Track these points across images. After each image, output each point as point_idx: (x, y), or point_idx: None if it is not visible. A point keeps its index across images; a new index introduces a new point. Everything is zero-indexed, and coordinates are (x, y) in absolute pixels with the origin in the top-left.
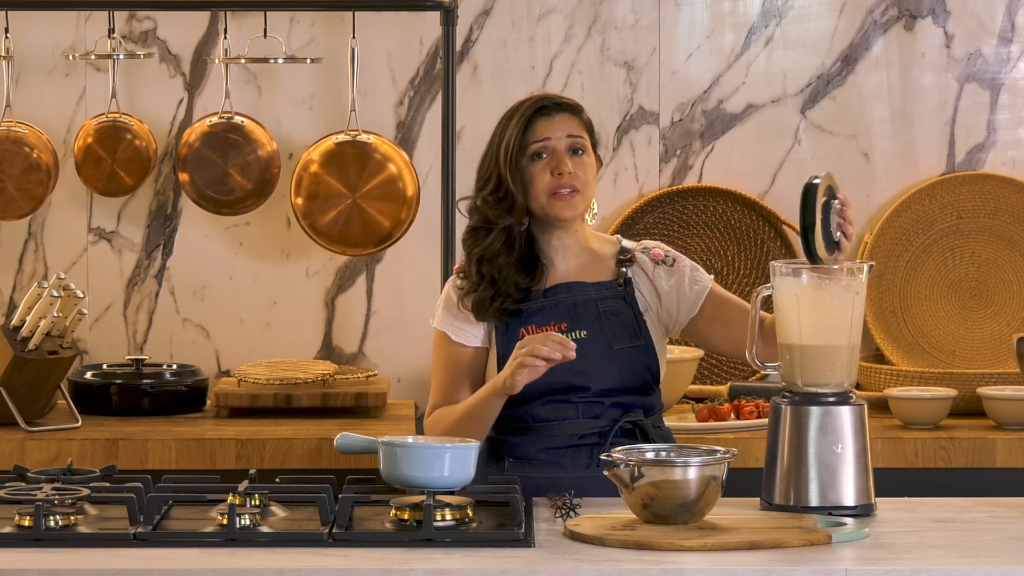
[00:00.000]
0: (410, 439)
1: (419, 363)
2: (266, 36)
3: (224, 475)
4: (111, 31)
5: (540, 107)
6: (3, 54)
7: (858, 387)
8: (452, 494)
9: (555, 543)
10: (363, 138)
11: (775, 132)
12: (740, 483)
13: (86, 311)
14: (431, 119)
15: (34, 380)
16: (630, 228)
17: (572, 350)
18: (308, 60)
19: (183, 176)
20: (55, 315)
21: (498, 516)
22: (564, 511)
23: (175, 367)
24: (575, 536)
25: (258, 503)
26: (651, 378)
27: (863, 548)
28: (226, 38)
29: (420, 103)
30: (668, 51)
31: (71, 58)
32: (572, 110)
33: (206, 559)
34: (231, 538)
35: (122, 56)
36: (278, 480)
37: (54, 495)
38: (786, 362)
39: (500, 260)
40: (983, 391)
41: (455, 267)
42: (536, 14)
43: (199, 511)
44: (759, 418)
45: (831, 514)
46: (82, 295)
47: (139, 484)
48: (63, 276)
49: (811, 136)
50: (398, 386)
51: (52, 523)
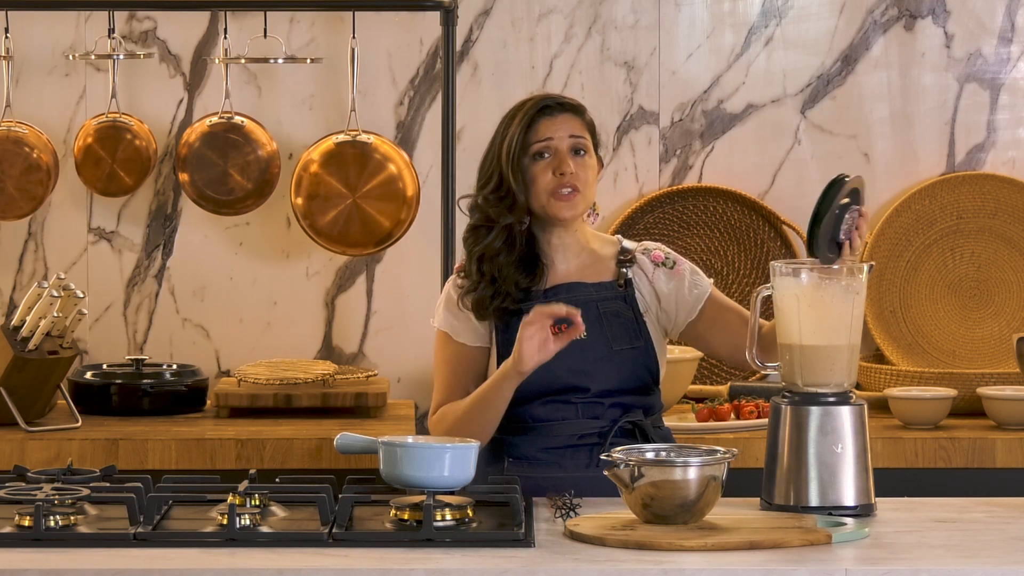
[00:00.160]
0: (410, 439)
1: (419, 363)
2: (266, 36)
3: (224, 475)
4: (111, 31)
5: (543, 107)
6: (3, 54)
7: (858, 387)
8: (452, 494)
9: (555, 543)
10: (363, 138)
11: (775, 132)
12: (740, 483)
13: (86, 311)
14: (431, 119)
15: (34, 380)
16: (630, 228)
17: (578, 314)
18: (308, 60)
19: (183, 176)
20: (55, 315)
21: (498, 516)
22: (564, 511)
23: (175, 367)
24: (575, 536)
25: (258, 503)
26: (651, 379)
27: (863, 548)
28: (226, 38)
29: (420, 103)
30: (668, 51)
31: (71, 58)
32: (575, 110)
33: (206, 559)
34: (231, 538)
35: (122, 56)
36: (278, 480)
37: (54, 495)
38: (786, 362)
39: (500, 259)
40: (983, 391)
41: (455, 266)
42: (536, 14)
43: (199, 511)
44: (759, 418)
45: (831, 514)
46: (82, 295)
47: (139, 484)
48: (63, 276)
49: (811, 136)
50: (398, 386)
51: (52, 523)
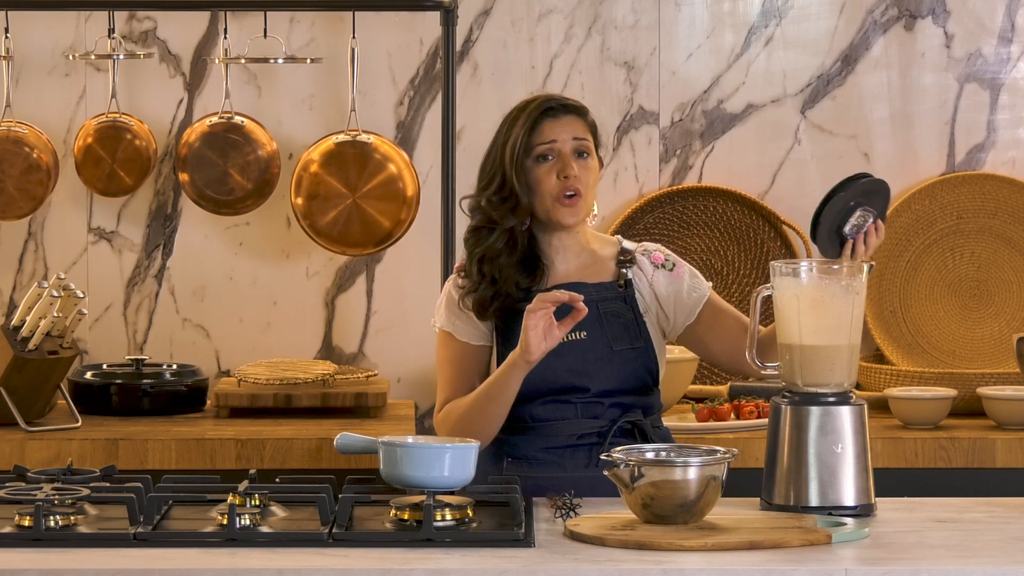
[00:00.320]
0: (410, 439)
1: (419, 363)
2: (266, 36)
3: (224, 475)
4: (111, 31)
5: (546, 108)
6: (3, 54)
7: (858, 387)
8: (452, 494)
9: (555, 543)
10: (363, 138)
11: (775, 132)
12: (740, 483)
13: (86, 311)
14: (431, 119)
15: (34, 380)
16: (630, 228)
17: (581, 300)
18: (308, 60)
19: (183, 176)
20: (55, 315)
21: (498, 516)
22: (564, 511)
23: (175, 367)
24: (575, 536)
25: (258, 503)
26: (650, 379)
27: (863, 548)
28: (226, 38)
29: (420, 103)
30: (668, 51)
31: (71, 58)
32: (578, 112)
33: (206, 559)
34: (231, 538)
35: (122, 56)
36: (278, 480)
37: (54, 495)
38: (786, 362)
39: (501, 260)
40: (983, 391)
41: (456, 266)
42: (536, 14)
43: (199, 511)
44: (759, 418)
45: (831, 514)
46: (82, 295)
47: (139, 484)
48: (63, 276)
49: (811, 136)
50: (398, 386)
51: (52, 523)
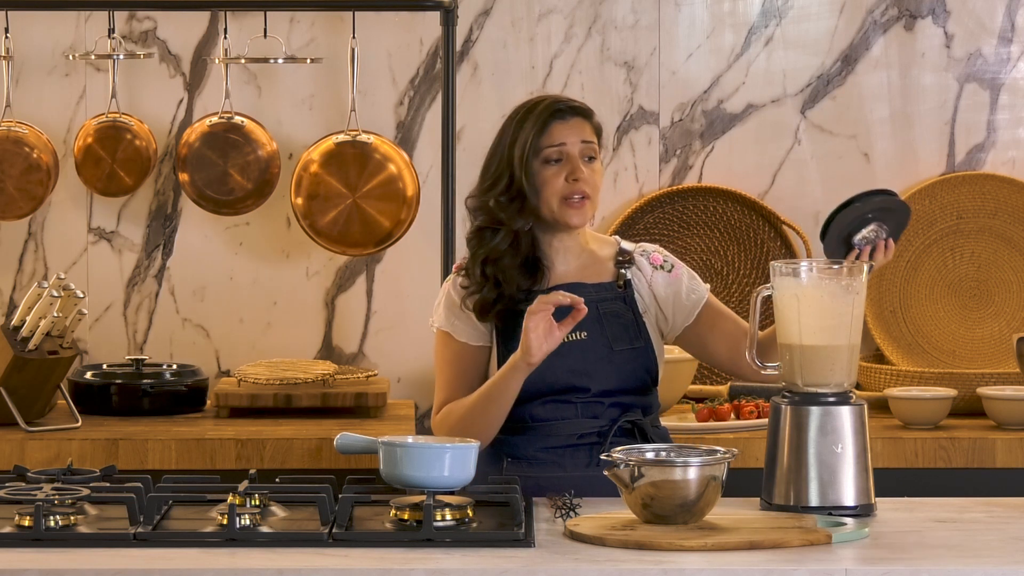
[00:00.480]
0: (410, 439)
1: (419, 363)
2: (266, 36)
3: (224, 475)
4: (111, 31)
5: (555, 110)
6: (3, 54)
7: (858, 387)
8: (452, 494)
9: (555, 543)
10: (363, 138)
11: (775, 132)
12: (740, 483)
13: (86, 311)
14: (431, 119)
15: (34, 380)
16: (630, 228)
17: (582, 302)
18: (308, 60)
19: (183, 176)
20: (55, 315)
21: (498, 516)
22: (564, 511)
23: (175, 367)
24: (575, 536)
25: (258, 503)
26: (650, 379)
27: (863, 548)
28: (226, 38)
29: (420, 103)
30: (668, 51)
31: (71, 58)
32: (585, 114)
33: (206, 559)
34: (231, 538)
35: (122, 56)
36: (278, 480)
37: (54, 495)
38: (786, 362)
39: (505, 261)
40: (983, 391)
41: (454, 266)
42: (536, 14)
43: (199, 511)
44: (759, 418)
45: (831, 514)
46: (82, 295)
47: (139, 484)
48: (63, 276)
49: (811, 136)
50: (398, 386)
51: (52, 523)
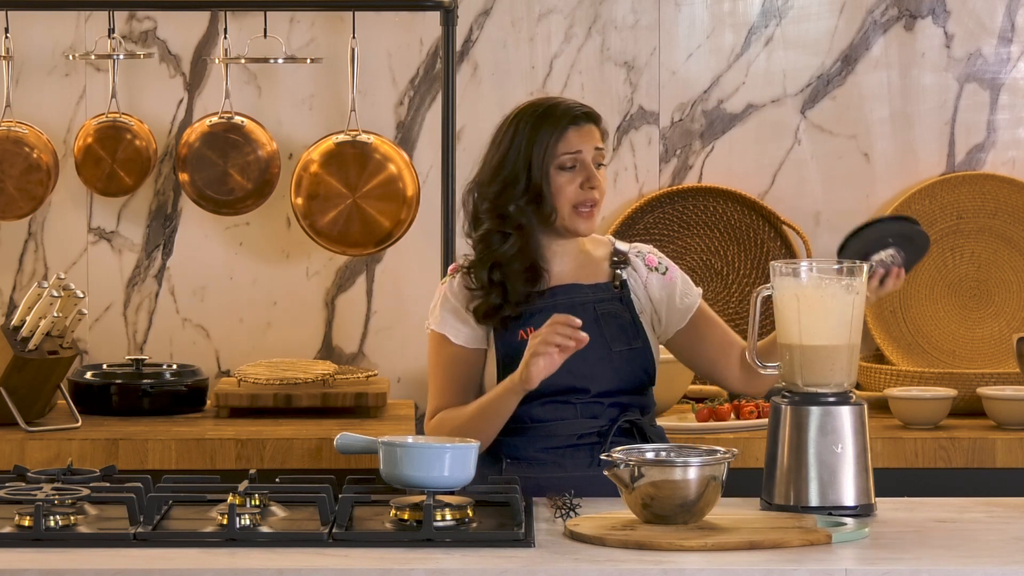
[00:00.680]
0: (410, 439)
1: (419, 363)
2: (266, 36)
3: (224, 475)
4: (111, 31)
5: (573, 116)
6: (3, 54)
7: (858, 387)
8: (452, 494)
9: (555, 543)
10: (363, 138)
11: (775, 132)
12: (740, 483)
13: (86, 311)
14: (431, 119)
15: (34, 380)
16: (630, 228)
17: (584, 335)
18: (308, 60)
19: (183, 176)
20: (55, 315)
21: (498, 516)
22: (564, 511)
23: (175, 367)
24: (575, 536)
25: (258, 503)
26: (647, 379)
27: (863, 548)
28: (226, 38)
29: (420, 103)
30: (668, 51)
31: (71, 58)
32: (597, 121)
33: (206, 559)
34: (231, 538)
35: (122, 56)
36: (278, 480)
37: (54, 495)
38: (786, 362)
39: (515, 267)
40: (983, 391)
41: (450, 267)
42: (536, 14)
43: (199, 511)
44: (759, 418)
45: (831, 514)
46: (82, 295)
47: (139, 484)
48: (63, 276)
49: (811, 136)
50: (398, 386)
51: (52, 523)
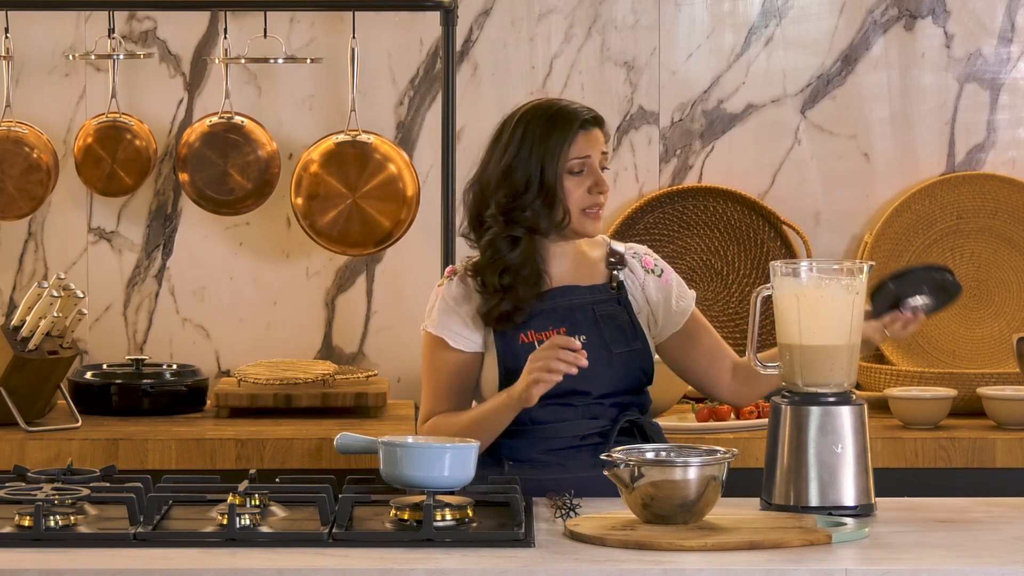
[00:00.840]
0: (410, 439)
1: (419, 363)
2: (266, 36)
3: (224, 475)
4: (111, 31)
5: (583, 120)
6: (3, 54)
7: (858, 387)
8: (452, 494)
9: (555, 543)
10: (363, 138)
11: (775, 132)
12: (740, 483)
13: (86, 311)
14: (431, 119)
15: (34, 380)
16: (630, 228)
17: (584, 358)
18: (308, 60)
19: (183, 176)
20: (55, 315)
21: (498, 516)
22: (564, 511)
23: (175, 367)
24: (575, 536)
25: (258, 503)
26: (646, 379)
27: (863, 548)
28: (226, 38)
29: (420, 103)
30: (668, 51)
31: (71, 58)
32: (602, 124)
33: (206, 559)
34: (231, 538)
35: (122, 56)
36: (278, 480)
37: (54, 495)
38: (786, 362)
39: (525, 272)
40: (983, 391)
41: (448, 269)
42: (536, 14)
43: (199, 511)
44: (759, 418)
45: (831, 514)
46: (82, 295)
47: (139, 484)
48: (63, 276)
49: (811, 136)
50: (398, 386)
51: (52, 523)
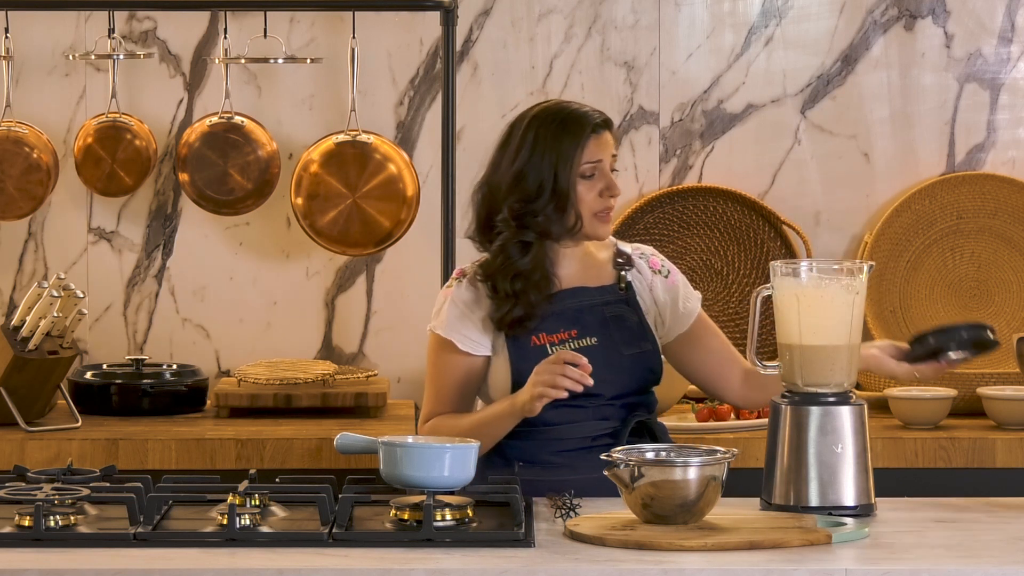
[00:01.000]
0: (410, 439)
1: (419, 363)
2: (266, 36)
3: (224, 475)
4: (111, 31)
5: (595, 125)
6: (3, 54)
7: (858, 387)
8: (452, 494)
9: (555, 543)
10: (363, 138)
11: (775, 132)
12: (740, 483)
13: (86, 311)
14: (431, 119)
15: (34, 380)
16: (630, 228)
17: (588, 375)
18: (308, 60)
19: (183, 176)
20: (55, 315)
21: (498, 516)
22: (564, 511)
23: (175, 367)
24: (575, 536)
25: (258, 503)
26: (654, 379)
27: (863, 548)
28: (226, 38)
29: (420, 103)
30: (668, 51)
31: (71, 58)
32: (611, 127)
33: (206, 559)
34: (231, 538)
35: (122, 56)
36: (278, 480)
37: (54, 495)
38: (786, 362)
39: (536, 276)
40: (983, 391)
41: (456, 271)
42: (536, 14)
43: (199, 511)
44: (759, 418)
45: (831, 514)
46: (82, 295)
47: (139, 484)
48: (63, 276)
49: (811, 136)
50: (398, 386)
51: (52, 523)
